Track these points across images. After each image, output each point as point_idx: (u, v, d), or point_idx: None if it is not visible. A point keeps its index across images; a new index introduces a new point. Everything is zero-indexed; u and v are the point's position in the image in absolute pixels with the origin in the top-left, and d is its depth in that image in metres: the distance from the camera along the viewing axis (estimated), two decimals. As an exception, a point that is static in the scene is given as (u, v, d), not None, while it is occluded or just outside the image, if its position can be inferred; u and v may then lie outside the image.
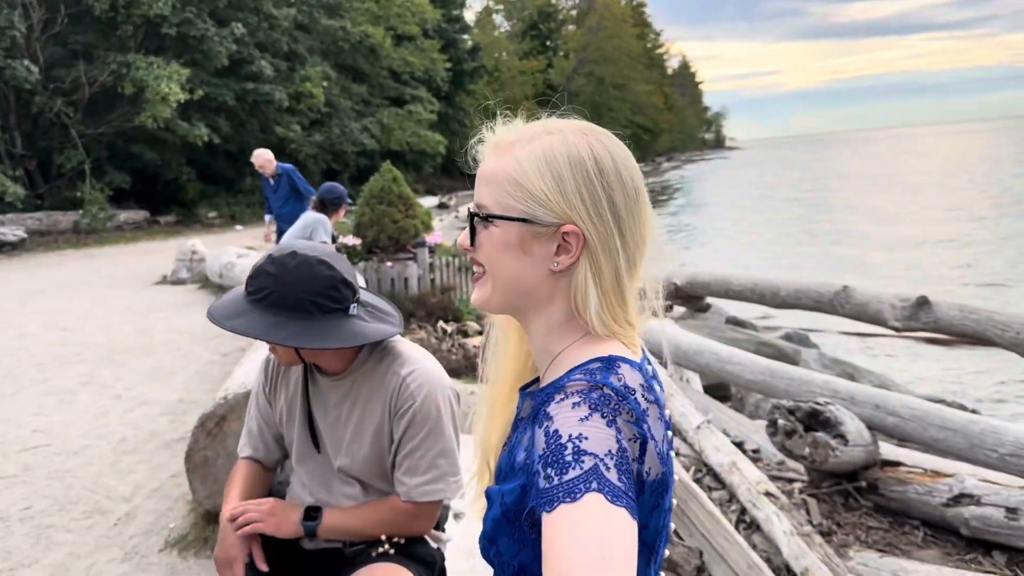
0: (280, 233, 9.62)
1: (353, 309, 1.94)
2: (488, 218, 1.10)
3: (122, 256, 18.19)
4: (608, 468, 0.91)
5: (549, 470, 0.93)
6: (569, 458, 0.92)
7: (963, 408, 6.12)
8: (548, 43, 67.21)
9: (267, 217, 9.94)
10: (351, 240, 8.85)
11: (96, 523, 4.17)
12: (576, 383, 1.00)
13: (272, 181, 9.60)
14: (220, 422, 3.92)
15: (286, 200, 9.50)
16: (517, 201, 1.08)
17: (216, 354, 7.67)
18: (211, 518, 3.91)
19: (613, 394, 0.98)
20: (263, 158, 9.52)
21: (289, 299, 1.86)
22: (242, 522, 1.99)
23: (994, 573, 3.62)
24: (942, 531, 4.01)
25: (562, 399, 0.98)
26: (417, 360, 1.98)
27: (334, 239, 6.29)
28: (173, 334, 8.80)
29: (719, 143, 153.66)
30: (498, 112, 1.22)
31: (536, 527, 0.97)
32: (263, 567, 1.99)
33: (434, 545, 2.08)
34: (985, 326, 6.41)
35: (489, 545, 1.09)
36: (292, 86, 30.02)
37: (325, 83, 31.78)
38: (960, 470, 4.16)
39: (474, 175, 1.18)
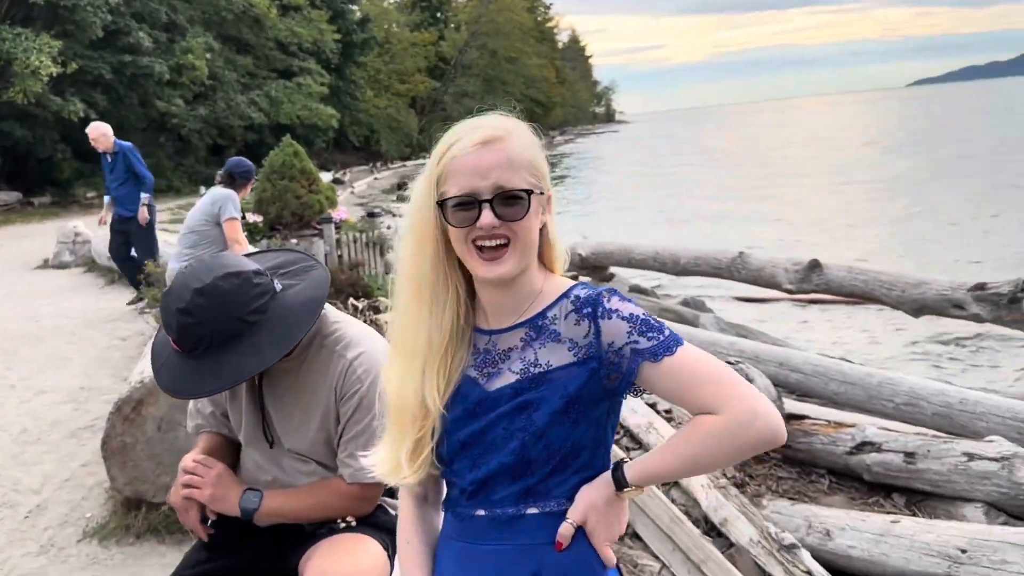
0: (117, 219, 8.62)
1: (277, 285, 1.91)
2: (528, 194, 1.34)
3: (-5, 240, 17.14)
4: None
5: (650, 334, 1.31)
6: (656, 324, 1.32)
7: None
8: (439, 15, 66.46)
9: (106, 199, 8.96)
10: (252, 217, 8.59)
11: (5, 517, 3.98)
12: (606, 292, 1.35)
13: (109, 159, 8.60)
14: (137, 406, 3.80)
15: (122, 182, 8.55)
16: (535, 178, 1.36)
17: (114, 339, 7.36)
18: (132, 505, 3.79)
19: (618, 292, 1.37)
20: (98, 131, 8.54)
21: (231, 329, 1.80)
22: (184, 482, 1.96)
23: (895, 513, 3.91)
24: (846, 478, 4.28)
25: (608, 300, 1.34)
26: (364, 342, 1.96)
27: (243, 216, 6.11)
28: (63, 319, 8.39)
29: (609, 117, 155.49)
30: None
31: (607, 393, 1.34)
32: (196, 527, 1.96)
33: (393, 513, 2.09)
34: (872, 286, 6.83)
35: (536, 441, 1.33)
36: (173, 58, 28.72)
37: (208, 55, 30.55)
38: (860, 421, 4.44)
39: (370, 150, 1.33)
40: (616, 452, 4.56)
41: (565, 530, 1.33)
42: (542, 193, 1.37)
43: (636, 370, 1.31)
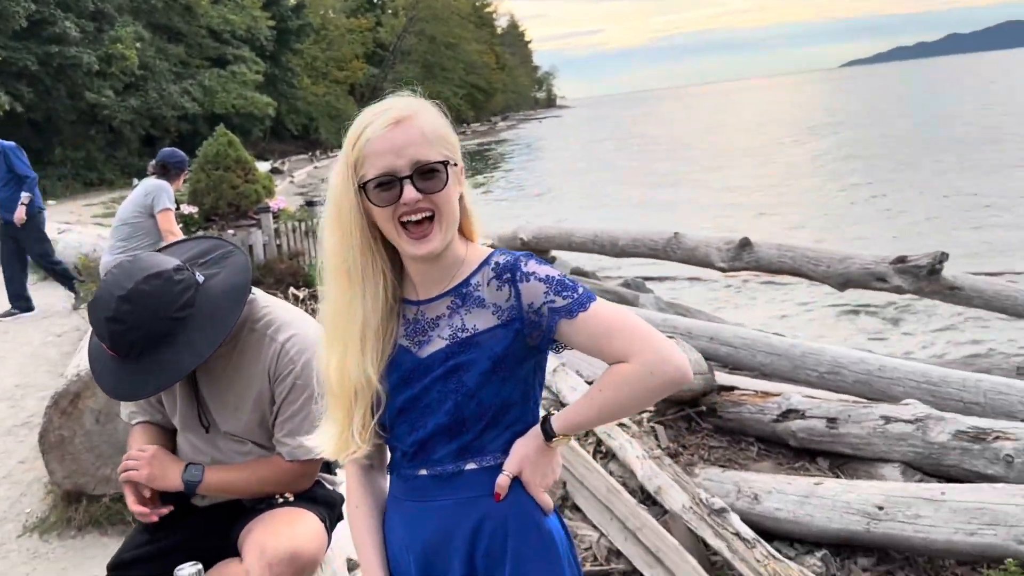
0: (2, 224, 8.14)
1: (199, 276, 1.94)
2: (444, 166, 1.41)
3: (-82, 238, 16.47)
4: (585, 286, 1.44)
5: (564, 293, 1.41)
6: (571, 284, 1.43)
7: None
8: (375, 1, 65.78)
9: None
10: (187, 208, 8.49)
11: (-59, 516, 3.93)
12: (523, 257, 1.45)
13: None
14: (75, 400, 3.79)
15: (4, 183, 8.00)
16: (450, 151, 1.44)
17: (49, 335, 7.23)
18: (73, 498, 3.78)
19: (535, 256, 1.47)
20: None
21: (162, 329, 1.83)
22: (120, 470, 2.01)
23: (819, 475, 4.10)
24: (774, 444, 4.47)
25: (526, 264, 1.44)
26: (295, 324, 2.02)
27: (177, 207, 6.05)
28: (-6, 318, 8.18)
29: (551, 102, 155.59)
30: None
31: (531, 351, 1.45)
32: (136, 508, 2.00)
33: (330, 488, 2.16)
34: (800, 262, 7.07)
35: (468, 401, 1.43)
36: (102, 48, 27.96)
37: (138, 44, 29.81)
38: (786, 390, 4.62)
39: (309, 139, 1.41)
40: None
41: (502, 481, 1.43)
42: (456, 165, 1.44)
43: (555, 327, 1.41)
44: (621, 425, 4.49)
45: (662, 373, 1.37)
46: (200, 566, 1.52)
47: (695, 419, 4.79)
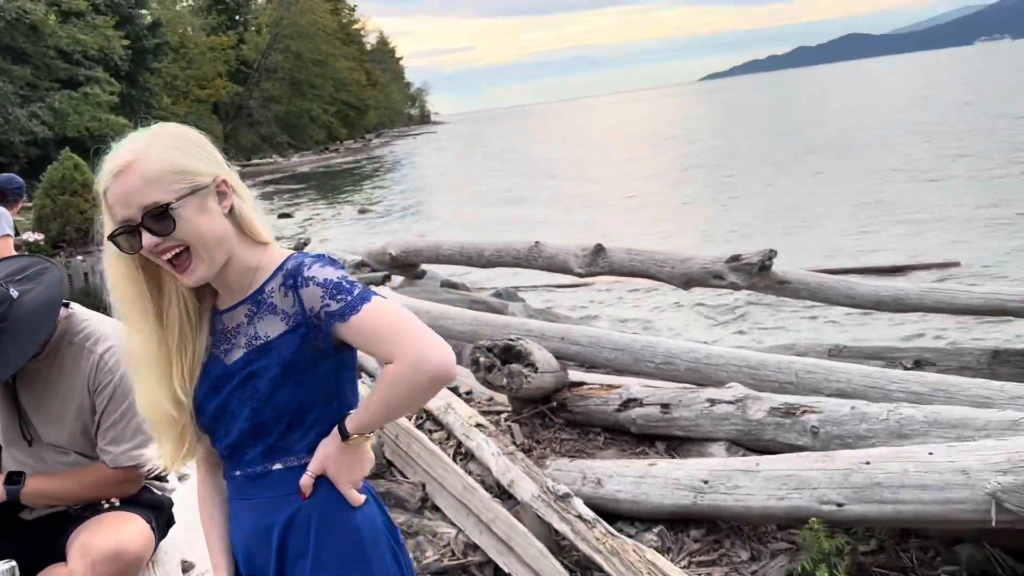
0: None
1: (14, 292, 1.99)
2: (173, 206, 1.42)
3: None
4: (365, 287, 1.48)
5: (339, 296, 1.44)
6: (347, 286, 1.44)
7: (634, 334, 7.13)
8: (237, 18, 64.24)
9: None
10: (32, 235, 8.18)
11: None
12: (308, 261, 1.49)
13: None
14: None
15: None
16: (183, 182, 1.44)
17: None
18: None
19: (327, 259, 1.50)
20: None
21: None
22: None
23: (656, 458, 4.43)
24: (618, 433, 4.77)
25: (309, 269, 1.47)
26: (113, 336, 2.08)
27: (16, 233, 5.86)
28: None
29: (425, 118, 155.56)
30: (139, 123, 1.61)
31: (322, 354, 1.48)
32: None
33: (158, 492, 2.24)
34: (648, 264, 7.50)
35: (263, 407, 1.48)
36: (-64, 70, 26.22)
37: (-22, 66, 28.12)
38: (627, 382, 4.95)
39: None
40: (417, 436, 4.85)
41: (304, 481, 1.50)
42: (202, 188, 1.45)
43: (331, 331, 1.45)
44: (479, 426, 4.70)
45: (423, 371, 1.40)
46: (14, 563, 1.59)
47: (548, 415, 5.04)
